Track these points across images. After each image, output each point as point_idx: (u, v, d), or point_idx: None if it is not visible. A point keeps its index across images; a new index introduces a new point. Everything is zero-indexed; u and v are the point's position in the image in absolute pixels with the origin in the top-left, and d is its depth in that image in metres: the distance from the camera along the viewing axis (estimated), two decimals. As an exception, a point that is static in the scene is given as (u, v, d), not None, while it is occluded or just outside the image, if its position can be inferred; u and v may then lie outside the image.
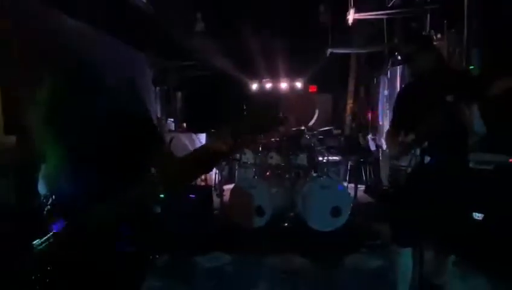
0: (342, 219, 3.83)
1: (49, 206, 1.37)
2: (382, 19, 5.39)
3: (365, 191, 5.38)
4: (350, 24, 4.80)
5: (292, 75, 6.22)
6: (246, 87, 6.38)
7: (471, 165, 3.19)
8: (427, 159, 2.08)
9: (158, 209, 3.40)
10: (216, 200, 4.41)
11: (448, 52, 3.93)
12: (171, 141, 4.36)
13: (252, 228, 3.92)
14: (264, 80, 6.17)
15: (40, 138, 1.37)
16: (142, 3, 6.43)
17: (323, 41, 6.06)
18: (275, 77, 6.24)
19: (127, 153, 1.38)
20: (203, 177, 5.24)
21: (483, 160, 3.12)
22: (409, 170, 2.16)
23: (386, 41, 5.69)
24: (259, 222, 3.93)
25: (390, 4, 5.01)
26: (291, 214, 4.04)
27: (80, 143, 1.31)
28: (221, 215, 4.23)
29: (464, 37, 3.64)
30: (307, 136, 4.30)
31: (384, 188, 4.39)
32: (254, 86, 6.20)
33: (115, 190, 1.34)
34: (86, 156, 1.29)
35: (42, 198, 1.39)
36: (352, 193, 4.84)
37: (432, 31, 4.22)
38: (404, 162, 2.19)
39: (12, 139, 2.67)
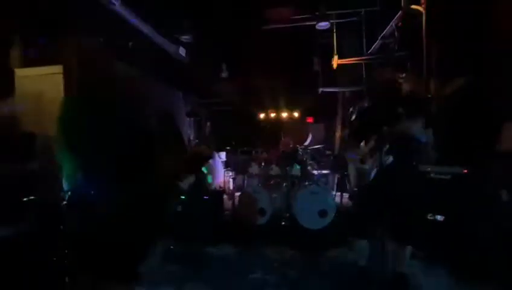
0: (328, 220, 3.58)
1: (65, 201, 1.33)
2: (361, 63, 5.27)
3: (349, 198, 5.07)
4: (335, 68, 4.69)
5: (291, 108, 6.15)
6: (256, 117, 6.36)
7: (432, 175, 2.94)
8: (389, 159, 1.89)
9: (179, 208, 3.28)
10: (228, 202, 4.24)
11: (412, 85, 3.74)
12: (195, 156, 4.28)
13: (255, 225, 3.71)
14: (269, 111, 6.13)
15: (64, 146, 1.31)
16: (182, 56, 6.60)
17: (316, 82, 5.97)
18: (278, 109, 6.20)
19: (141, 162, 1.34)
20: (222, 185, 5.10)
21: (443, 171, 2.85)
22: (374, 171, 1.97)
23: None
24: (261, 220, 3.73)
25: (370, 51, 4.88)
26: (287, 214, 3.81)
27: (96, 153, 1.26)
28: (232, 214, 4.04)
29: (424, 74, 3.48)
30: (300, 152, 4.13)
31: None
32: (262, 116, 6.18)
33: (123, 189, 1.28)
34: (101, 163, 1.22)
35: (63, 193, 1.34)
36: (338, 199, 4.57)
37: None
38: (366, 166, 2.01)
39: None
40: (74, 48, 3.15)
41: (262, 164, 4.16)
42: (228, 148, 5.19)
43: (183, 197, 3.29)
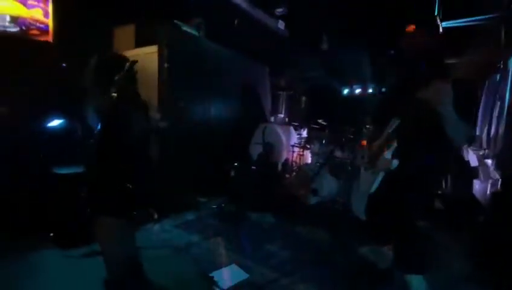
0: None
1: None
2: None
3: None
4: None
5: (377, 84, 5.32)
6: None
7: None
8: (395, 163, 1.53)
9: (232, 173, 3.66)
10: (288, 177, 4.31)
11: None
12: (264, 129, 4.52)
13: (306, 204, 3.69)
14: (354, 86, 5.55)
15: None
16: (281, 30, 6.70)
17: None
18: (364, 84, 5.49)
19: None
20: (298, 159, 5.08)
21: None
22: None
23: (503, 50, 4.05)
24: (312, 200, 3.67)
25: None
26: (341, 200, 3.57)
27: None
28: (286, 188, 4.12)
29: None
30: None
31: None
32: (345, 91, 5.69)
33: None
34: None
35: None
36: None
37: None
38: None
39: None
40: (166, 30, 3.83)
41: (323, 141, 3.95)
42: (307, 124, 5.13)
43: (236, 164, 3.65)
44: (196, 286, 2.00)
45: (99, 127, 1.61)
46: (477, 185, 3.94)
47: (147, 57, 3.90)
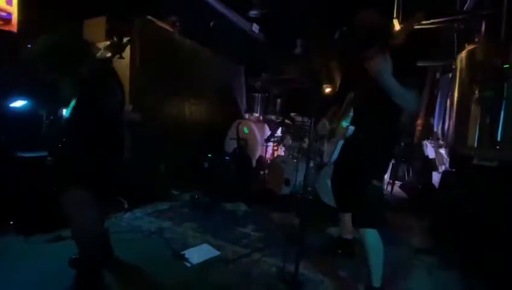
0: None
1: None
2: (451, 30, 4.25)
3: (400, 187, 4.44)
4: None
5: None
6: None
7: (475, 162, 2.38)
8: (351, 129, 1.69)
9: (206, 165, 3.68)
10: (263, 169, 4.42)
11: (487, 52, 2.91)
12: (239, 124, 4.60)
13: (279, 194, 3.80)
14: (325, 86, 5.80)
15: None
16: (256, 33, 6.87)
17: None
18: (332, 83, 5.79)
19: None
20: (272, 154, 5.21)
21: (489, 156, 2.24)
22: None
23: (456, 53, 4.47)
24: (285, 190, 3.78)
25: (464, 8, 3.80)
26: (310, 189, 3.70)
27: None
28: (261, 180, 4.21)
29: (502, 38, 2.66)
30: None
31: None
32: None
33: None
34: None
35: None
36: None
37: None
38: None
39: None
40: (138, 23, 3.84)
41: (296, 135, 4.11)
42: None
43: (210, 155, 3.69)
44: (167, 263, 2.00)
45: (75, 100, 1.61)
46: (435, 176, 4.28)
47: (118, 49, 3.85)
